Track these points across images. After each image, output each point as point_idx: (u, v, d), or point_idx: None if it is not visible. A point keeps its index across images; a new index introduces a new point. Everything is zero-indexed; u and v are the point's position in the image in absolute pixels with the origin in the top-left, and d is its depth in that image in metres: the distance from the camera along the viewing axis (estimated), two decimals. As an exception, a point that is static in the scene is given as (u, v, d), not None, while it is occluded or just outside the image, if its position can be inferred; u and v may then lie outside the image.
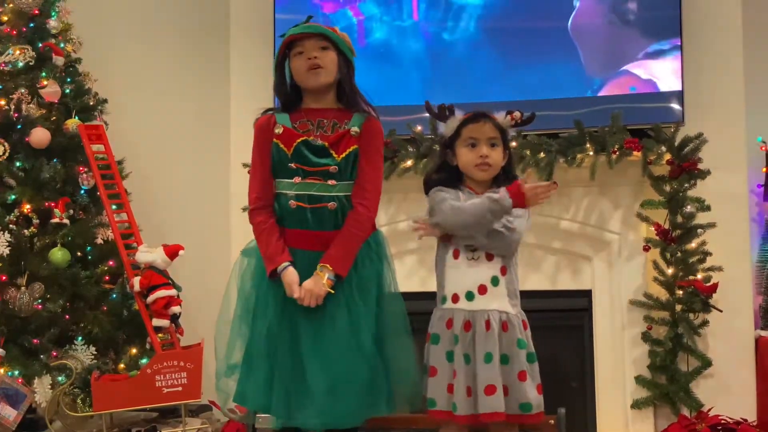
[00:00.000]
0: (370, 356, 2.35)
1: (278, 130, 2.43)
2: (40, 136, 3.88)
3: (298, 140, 2.40)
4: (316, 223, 2.39)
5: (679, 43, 3.69)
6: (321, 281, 2.32)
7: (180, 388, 3.47)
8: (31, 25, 4.07)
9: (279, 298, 2.38)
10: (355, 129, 2.42)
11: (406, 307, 2.47)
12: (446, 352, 2.40)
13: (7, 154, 3.86)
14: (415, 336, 2.46)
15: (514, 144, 2.86)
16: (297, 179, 2.40)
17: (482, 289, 2.38)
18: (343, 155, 2.40)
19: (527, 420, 2.35)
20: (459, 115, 2.50)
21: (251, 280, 2.47)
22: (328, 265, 2.34)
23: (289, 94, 2.49)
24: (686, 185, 3.60)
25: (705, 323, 3.61)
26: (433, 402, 2.41)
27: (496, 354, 2.32)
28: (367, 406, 2.35)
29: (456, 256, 2.43)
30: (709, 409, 3.54)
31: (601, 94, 3.77)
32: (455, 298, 2.41)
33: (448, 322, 2.41)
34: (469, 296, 2.39)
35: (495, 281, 2.38)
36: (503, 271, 2.39)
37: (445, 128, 2.51)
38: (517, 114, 2.48)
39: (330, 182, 2.40)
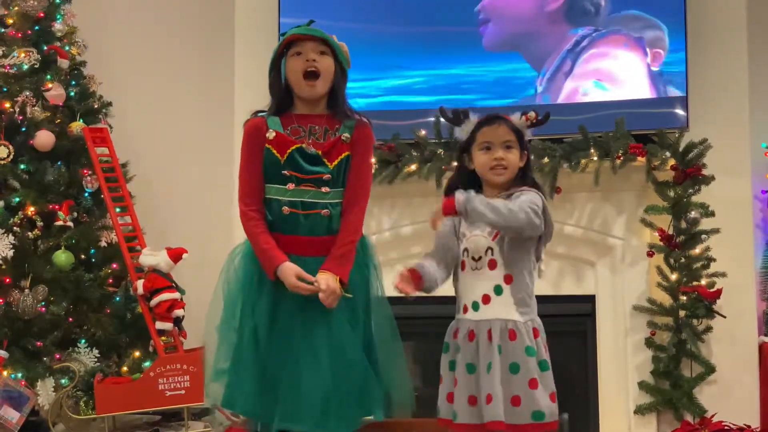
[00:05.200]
0: (360, 362, 2.36)
1: (270, 135, 2.40)
2: (44, 138, 3.89)
3: (292, 147, 2.39)
4: (309, 229, 2.39)
5: (684, 49, 3.69)
6: (336, 284, 2.32)
7: (183, 392, 3.47)
8: (36, 28, 4.09)
9: (267, 303, 2.38)
10: (346, 135, 2.43)
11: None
12: (449, 362, 2.41)
13: (11, 157, 3.86)
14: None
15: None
16: (291, 186, 2.39)
17: (486, 299, 2.36)
18: (335, 163, 2.41)
19: (540, 429, 2.32)
20: (474, 119, 2.47)
21: (237, 283, 2.45)
22: (334, 273, 2.33)
23: (284, 95, 2.46)
24: (690, 191, 3.60)
25: (708, 329, 3.60)
26: (438, 409, 2.43)
27: (496, 364, 2.30)
28: (360, 413, 2.37)
29: (463, 267, 2.42)
30: (713, 415, 3.53)
31: (606, 99, 3.76)
32: (465, 309, 2.40)
33: (455, 332, 2.41)
34: (475, 306, 2.37)
35: (498, 290, 2.36)
36: (508, 279, 2.36)
37: (461, 132, 2.48)
38: (532, 114, 2.45)
39: (323, 189, 2.40)
